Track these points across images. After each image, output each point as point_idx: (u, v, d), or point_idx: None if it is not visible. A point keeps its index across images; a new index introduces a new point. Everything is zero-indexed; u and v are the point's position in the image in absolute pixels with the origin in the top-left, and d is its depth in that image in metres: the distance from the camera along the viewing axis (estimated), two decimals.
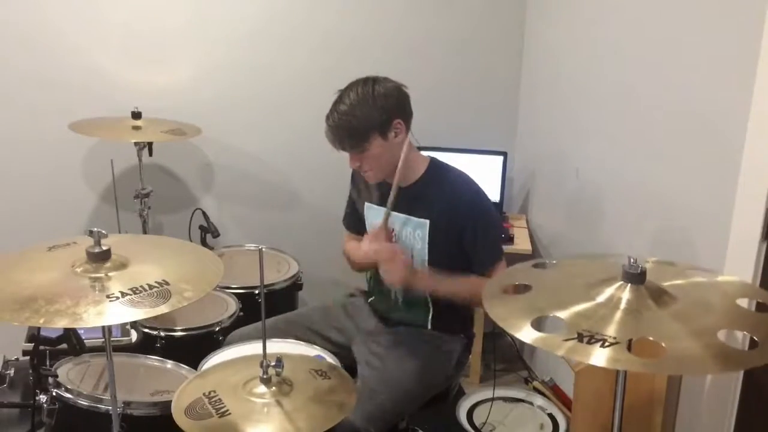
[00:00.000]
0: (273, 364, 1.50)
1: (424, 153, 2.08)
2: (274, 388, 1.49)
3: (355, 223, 2.26)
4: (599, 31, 2.59)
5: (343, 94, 1.92)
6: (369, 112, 1.88)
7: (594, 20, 2.63)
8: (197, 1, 2.89)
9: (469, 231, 1.96)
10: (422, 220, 1.99)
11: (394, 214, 2.04)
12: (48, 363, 1.92)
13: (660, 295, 1.35)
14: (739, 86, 1.77)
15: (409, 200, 2.01)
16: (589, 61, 2.67)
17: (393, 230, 2.05)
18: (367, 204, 2.14)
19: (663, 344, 1.20)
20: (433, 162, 2.06)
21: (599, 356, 1.19)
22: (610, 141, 2.50)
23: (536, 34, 3.16)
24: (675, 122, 2.09)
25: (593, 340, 1.22)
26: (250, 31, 2.98)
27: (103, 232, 1.46)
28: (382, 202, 2.08)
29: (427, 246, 1.99)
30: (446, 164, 2.07)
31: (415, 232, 2.01)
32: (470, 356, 2.21)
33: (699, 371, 1.69)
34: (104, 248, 1.45)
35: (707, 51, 1.94)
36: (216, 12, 2.92)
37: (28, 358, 1.91)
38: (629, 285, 1.36)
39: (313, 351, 1.98)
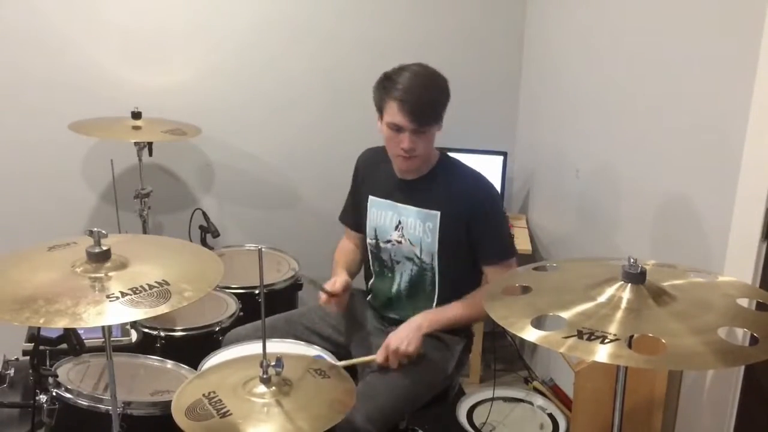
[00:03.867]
0: (273, 364, 1.50)
1: None
2: (274, 388, 1.48)
3: (353, 218, 2.26)
4: (599, 31, 2.59)
5: (417, 68, 1.92)
6: (443, 96, 1.93)
7: (594, 20, 2.63)
8: (197, 1, 2.90)
9: (480, 221, 1.97)
10: (433, 211, 2.00)
11: (400, 205, 2.05)
12: (48, 363, 1.92)
13: (660, 295, 1.36)
14: (739, 86, 1.77)
15: (419, 192, 2.02)
16: (589, 61, 2.67)
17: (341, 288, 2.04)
18: (371, 197, 2.14)
19: (663, 341, 1.21)
20: (444, 155, 2.07)
21: (600, 352, 1.19)
22: (610, 141, 2.50)
23: (536, 34, 3.16)
24: (675, 122, 2.09)
25: (593, 337, 1.22)
26: (250, 31, 2.98)
27: (103, 232, 1.46)
28: (387, 196, 2.08)
29: (437, 238, 2.00)
30: (456, 159, 2.09)
31: (424, 224, 2.01)
32: (470, 356, 2.21)
33: (700, 366, 1.69)
34: (104, 248, 1.44)
35: (707, 51, 1.94)
36: (216, 12, 2.92)
37: (28, 358, 1.90)
38: (629, 285, 1.36)
39: (312, 351, 1.98)
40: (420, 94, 1.88)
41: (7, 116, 2.83)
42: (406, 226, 2.05)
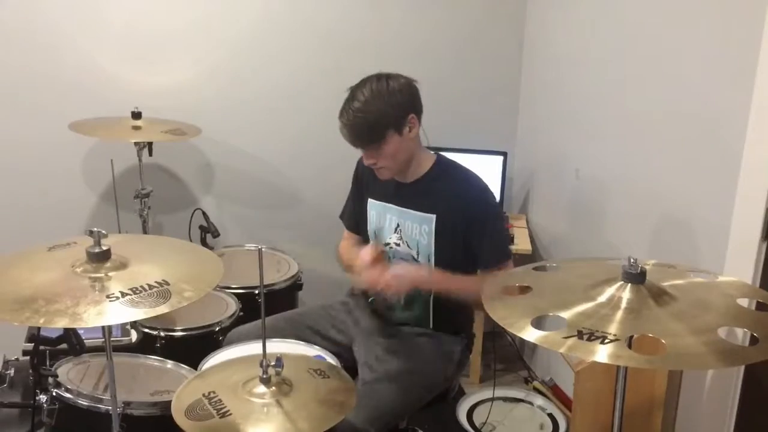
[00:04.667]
0: (273, 363, 1.50)
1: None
2: (273, 388, 1.48)
3: (353, 219, 2.26)
4: (599, 32, 2.59)
5: (356, 91, 1.90)
6: (384, 109, 1.88)
7: (594, 20, 2.63)
8: (197, 1, 2.90)
9: (476, 226, 1.96)
10: (429, 215, 1.99)
11: (398, 208, 2.05)
12: (48, 363, 1.92)
13: (660, 295, 1.35)
14: (739, 86, 1.77)
15: (415, 195, 2.02)
16: (589, 61, 2.67)
17: (382, 249, 2.04)
18: (370, 200, 2.14)
19: (663, 341, 1.21)
20: (440, 158, 2.07)
21: (600, 353, 1.19)
22: (610, 141, 2.50)
23: (536, 35, 3.16)
24: (675, 122, 2.09)
25: (593, 338, 1.22)
26: (250, 31, 2.98)
27: (103, 232, 1.46)
28: (386, 199, 2.08)
29: (433, 241, 1.99)
30: (452, 161, 2.08)
31: (421, 227, 2.01)
32: (470, 356, 2.21)
33: (700, 366, 1.70)
34: (104, 248, 1.44)
35: (707, 51, 1.94)
36: (216, 12, 2.92)
37: (28, 358, 1.90)
38: (629, 285, 1.36)
39: (312, 351, 1.98)
40: (354, 117, 1.88)
41: (8, 116, 2.82)
42: (404, 229, 2.05)
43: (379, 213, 2.11)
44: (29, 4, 2.74)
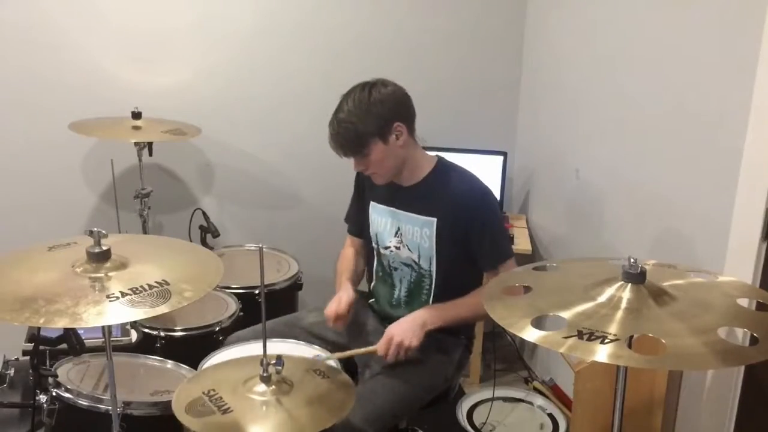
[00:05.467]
0: (273, 362, 1.50)
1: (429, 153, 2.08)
2: (273, 387, 1.49)
3: (356, 222, 2.26)
4: (599, 32, 2.59)
5: (342, 102, 1.92)
6: (366, 119, 1.88)
7: (594, 20, 2.63)
8: (197, 1, 2.90)
9: (477, 229, 1.96)
10: (430, 218, 1.99)
11: (398, 212, 2.05)
12: (48, 363, 1.92)
13: (660, 295, 1.36)
14: (739, 86, 1.77)
15: (415, 199, 2.02)
16: (590, 61, 2.67)
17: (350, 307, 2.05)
18: (372, 203, 2.14)
19: (663, 341, 1.21)
20: (440, 161, 2.07)
21: (600, 352, 1.19)
22: (610, 141, 2.50)
23: (536, 34, 3.16)
24: (675, 122, 2.09)
25: (593, 337, 1.22)
26: (250, 31, 2.98)
27: (103, 232, 1.46)
28: (387, 202, 2.08)
29: (434, 244, 1.99)
30: (453, 163, 2.07)
31: (422, 231, 2.01)
32: (470, 357, 2.21)
33: (700, 366, 1.70)
34: (104, 248, 1.45)
35: (707, 51, 1.94)
36: (216, 12, 2.92)
37: (28, 358, 1.91)
38: (629, 285, 1.36)
39: (312, 351, 1.97)
40: (338, 128, 1.90)
41: (8, 116, 2.82)
42: (405, 233, 2.05)
43: (380, 216, 2.11)
44: (29, 4, 2.74)
